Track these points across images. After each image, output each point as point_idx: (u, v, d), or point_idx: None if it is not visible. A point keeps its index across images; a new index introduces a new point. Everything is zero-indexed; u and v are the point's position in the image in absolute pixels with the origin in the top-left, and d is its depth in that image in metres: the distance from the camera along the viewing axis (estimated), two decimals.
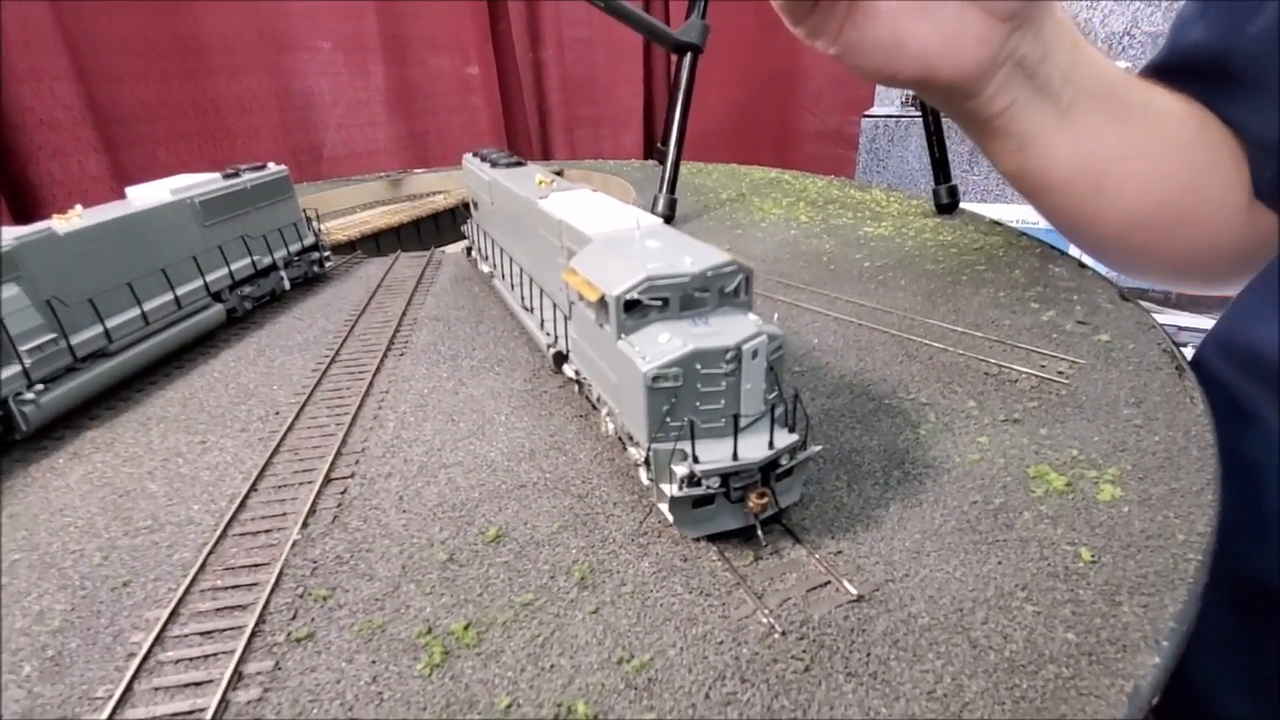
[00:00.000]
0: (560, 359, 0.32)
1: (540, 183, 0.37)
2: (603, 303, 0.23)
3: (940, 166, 0.62)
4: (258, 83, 1.36)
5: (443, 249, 0.58)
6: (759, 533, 0.23)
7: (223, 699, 0.18)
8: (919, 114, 1.33)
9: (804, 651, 0.19)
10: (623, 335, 0.23)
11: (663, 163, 0.91)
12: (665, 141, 0.89)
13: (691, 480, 0.22)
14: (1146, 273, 0.45)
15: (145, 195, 0.39)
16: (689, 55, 0.58)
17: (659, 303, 0.23)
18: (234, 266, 0.42)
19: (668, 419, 0.22)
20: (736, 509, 0.23)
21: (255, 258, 0.44)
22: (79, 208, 0.36)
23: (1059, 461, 0.26)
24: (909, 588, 0.21)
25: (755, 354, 0.22)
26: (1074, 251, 0.50)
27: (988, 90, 0.33)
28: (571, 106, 1.86)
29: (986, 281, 0.45)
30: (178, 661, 0.20)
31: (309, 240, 0.50)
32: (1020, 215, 1.33)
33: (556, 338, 0.32)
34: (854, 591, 0.21)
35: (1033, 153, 0.36)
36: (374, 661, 0.19)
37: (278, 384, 0.36)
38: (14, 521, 0.26)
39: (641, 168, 0.90)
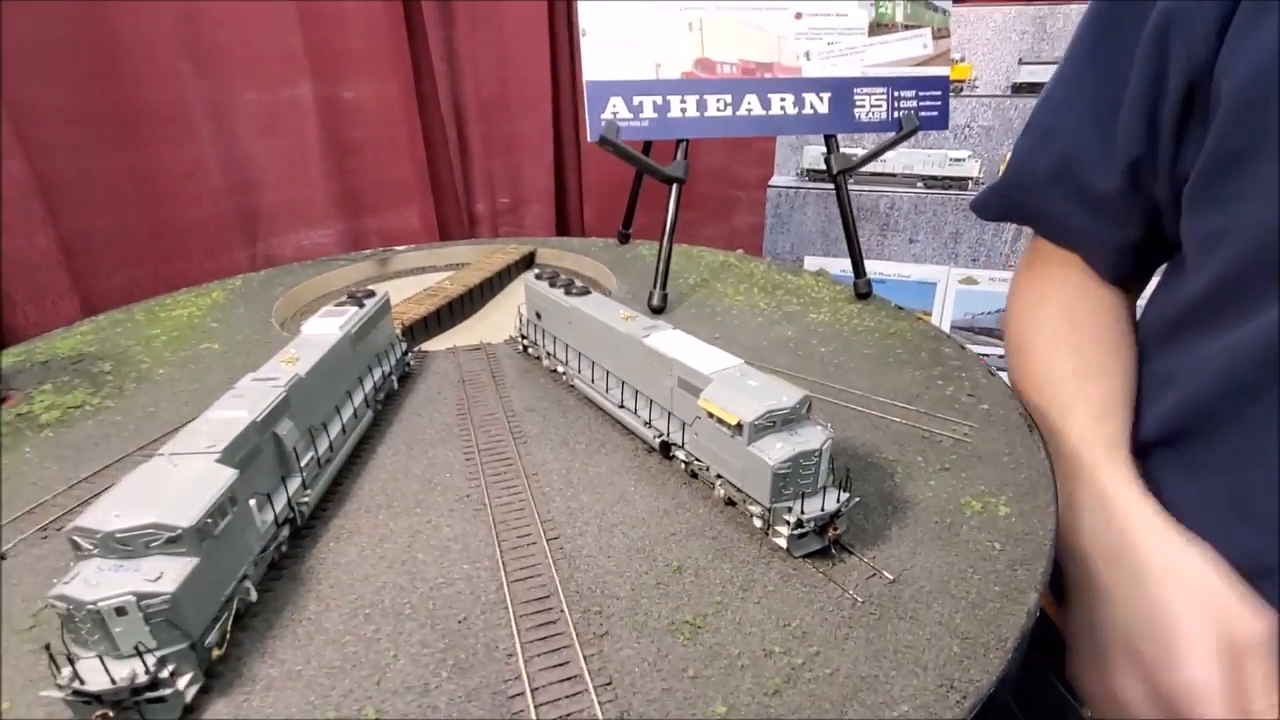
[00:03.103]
0: (666, 447, 0.48)
1: (625, 318, 0.53)
2: (739, 425, 0.40)
3: (857, 263, 0.83)
4: (199, 149, 1.39)
5: (485, 342, 0.72)
6: (832, 550, 0.40)
7: (584, 670, 0.33)
8: (814, 185, 1.60)
9: (876, 610, 0.36)
10: (751, 444, 0.40)
11: (623, 243, 1.08)
12: (627, 227, 1.07)
13: (799, 524, 0.39)
14: None
15: (318, 331, 0.51)
16: (675, 185, 0.76)
17: (772, 424, 0.40)
18: (375, 378, 0.55)
19: (782, 490, 0.39)
20: (818, 537, 0.40)
21: (382, 368, 0.56)
22: (292, 350, 0.47)
23: (975, 493, 0.46)
24: (915, 572, 0.39)
25: (827, 449, 0.39)
26: (955, 335, 0.72)
27: None
28: (490, 159, 1.98)
29: (905, 362, 0.66)
30: (539, 655, 0.34)
31: (402, 347, 0.62)
32: (878, 270, 1.62)
33: (665, 432, 0.48)
34: (890, 576, 0.39)
35: None
36: (653, 642, 0.35)
37: (447, 473, 0.49)
38: (339, 589, 0.39)
39: (606, 247, 1.07)
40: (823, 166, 1.61)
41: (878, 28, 0.76)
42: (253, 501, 0.36)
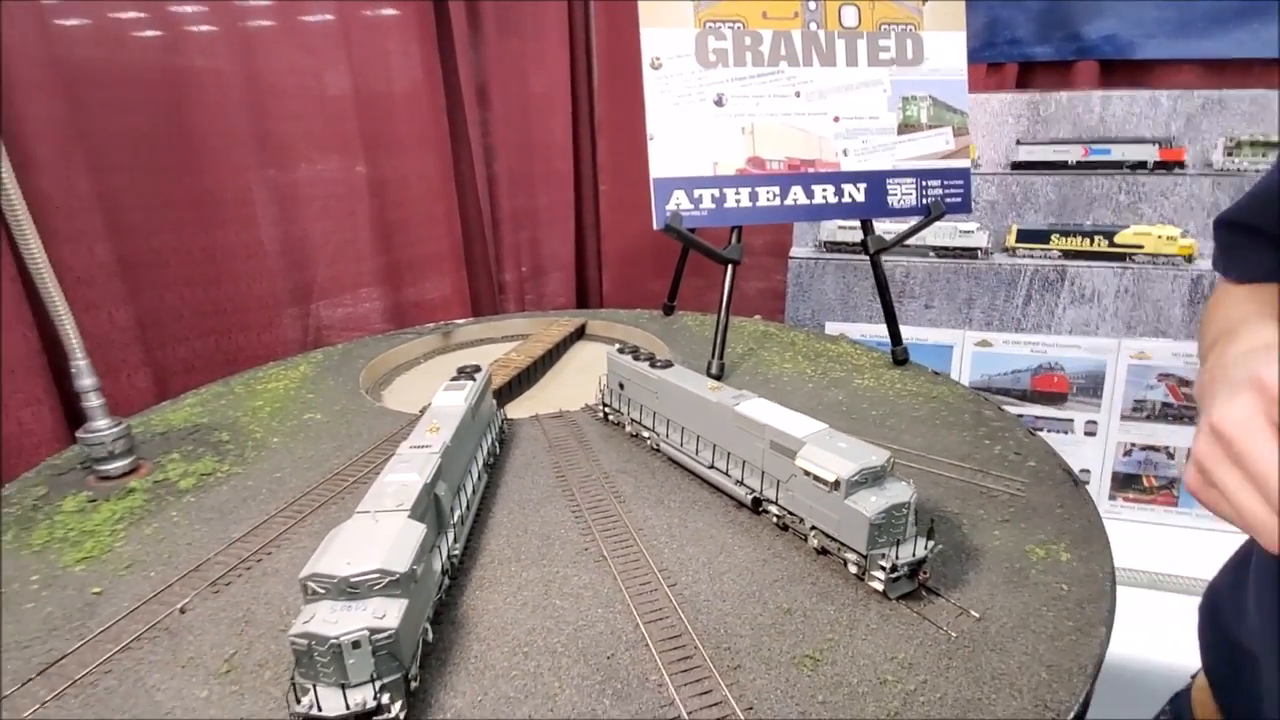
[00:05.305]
0: (757, 503, 0.55)
1: (712, 388, 0.60)
2: (836, 482, 0.46)
3: (894, 331, 0.90)
4: (260, 231, 1.49)
5: (564, 410, 0.79)
6: (922, 592, 0.46)
7: (729, 697, 0.38)
8: (832, 256, 1.70)
9: (969, 644, 0.42)
10: (848, 497, 0.46)
11: (668, 314, 1.16)
12: (672, 299, 1.15)
13: (894, 569, 0.44)
14: None
15: (447, 403, 0.58)
16: (731, 266, 0.85)
17: (865, 480, 0.46)
18: (487, 443, 0.61)
19: (877, 539, 0.45)
20: (910, 580, 0.46)
21: (490, 435, 0.63)
22: (434, 420, 0.54)
23: (1036, 541, 0.52)
24: (996, 611, 0.45)
25: (914, 501, 0.46)
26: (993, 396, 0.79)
27: None
28: (518, 231, 2.09)
29: (952, 425, 0.72)
30: (685, 685, 0.39)
31: (501, 416, 0.69)
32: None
33: (758, 488, 0.54)
34: (976, 615, 0.44)
35: None
36: (781, 673, 0.40)
37: (562, 529, 0.55)
38: (494, 631, 0.44)
39: (653, 318, 1.15)
40: (838, 239, 1.73)
41: (905, 128, 0.86)
42: (431, 551, 0.42)
